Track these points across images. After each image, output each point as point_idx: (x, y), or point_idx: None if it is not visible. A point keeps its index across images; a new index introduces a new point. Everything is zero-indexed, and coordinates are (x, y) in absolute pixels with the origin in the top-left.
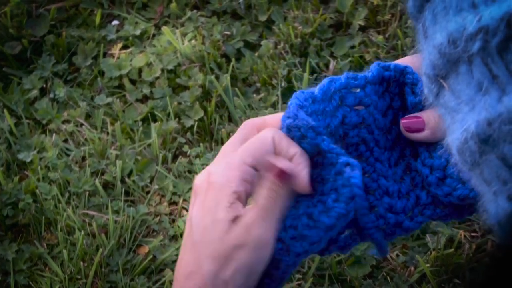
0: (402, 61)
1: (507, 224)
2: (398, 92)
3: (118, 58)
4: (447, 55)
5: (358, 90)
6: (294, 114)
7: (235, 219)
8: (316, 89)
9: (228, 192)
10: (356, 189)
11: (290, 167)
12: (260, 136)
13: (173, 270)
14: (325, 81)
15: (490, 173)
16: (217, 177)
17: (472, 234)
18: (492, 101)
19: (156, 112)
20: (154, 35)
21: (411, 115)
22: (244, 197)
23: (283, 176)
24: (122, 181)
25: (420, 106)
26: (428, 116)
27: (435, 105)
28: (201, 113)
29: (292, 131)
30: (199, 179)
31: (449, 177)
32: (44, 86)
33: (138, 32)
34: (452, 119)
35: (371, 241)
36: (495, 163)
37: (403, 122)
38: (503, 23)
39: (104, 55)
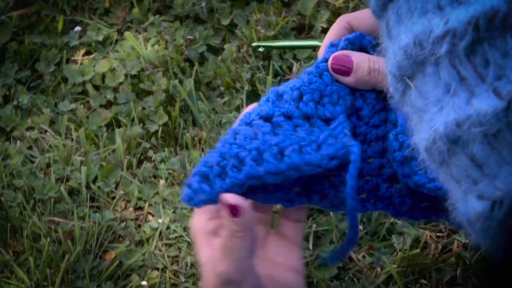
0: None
1: (477, 223)
2: None
3: (81, 64)
4: (413, 56)
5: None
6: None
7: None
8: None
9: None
10: (354, 155)
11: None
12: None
13: (139, 275)
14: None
15: (459, 172)
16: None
17: (438, 234)
18: (460, 103)
19: (120, 118)
20: (117, 41)
21: (344, 52)
22: None
23: (235, 211)
24: (87, 187)
25: None
26: (360, 61)
27: (401, 103)
28: (165, 118)
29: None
30: None
31: (415, 160)
32: (7, 93)
33: (100, 38)
34: (420, 119)
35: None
36: (464, 162)
37: (333, 57)
38: (471, 26)
39: (67, 61)
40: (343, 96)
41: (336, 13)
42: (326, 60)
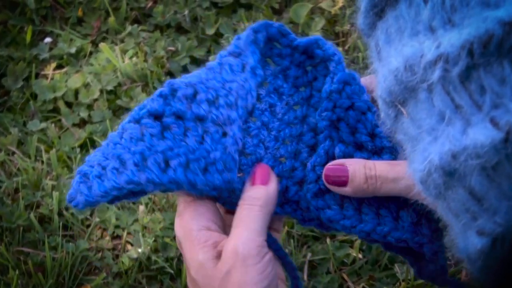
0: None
1: (478, 260)
2: (325, 74)
3: (52, 79)
4: (404, 82)
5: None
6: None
7: (217, 253)
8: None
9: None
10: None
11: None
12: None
13: None
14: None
15: (457, 206)
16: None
17: None
18: (456, 133)
19: (95, 138)
20: (91, 53)
21: (338, 161)
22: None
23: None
24: (60, 214)
25: (335, 96)
26: (355, 170)
27: (393, 129)
28: None
29: None
30: None
31: (330, 193)
32: None
33: (73, 50)
34: (413, 148)
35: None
36: (462, 196)
37: (327, 168)
38: (464, 51)
39: (37, 76)
40: (243, 95)
41: (331, 21)
42: (230, 53)
